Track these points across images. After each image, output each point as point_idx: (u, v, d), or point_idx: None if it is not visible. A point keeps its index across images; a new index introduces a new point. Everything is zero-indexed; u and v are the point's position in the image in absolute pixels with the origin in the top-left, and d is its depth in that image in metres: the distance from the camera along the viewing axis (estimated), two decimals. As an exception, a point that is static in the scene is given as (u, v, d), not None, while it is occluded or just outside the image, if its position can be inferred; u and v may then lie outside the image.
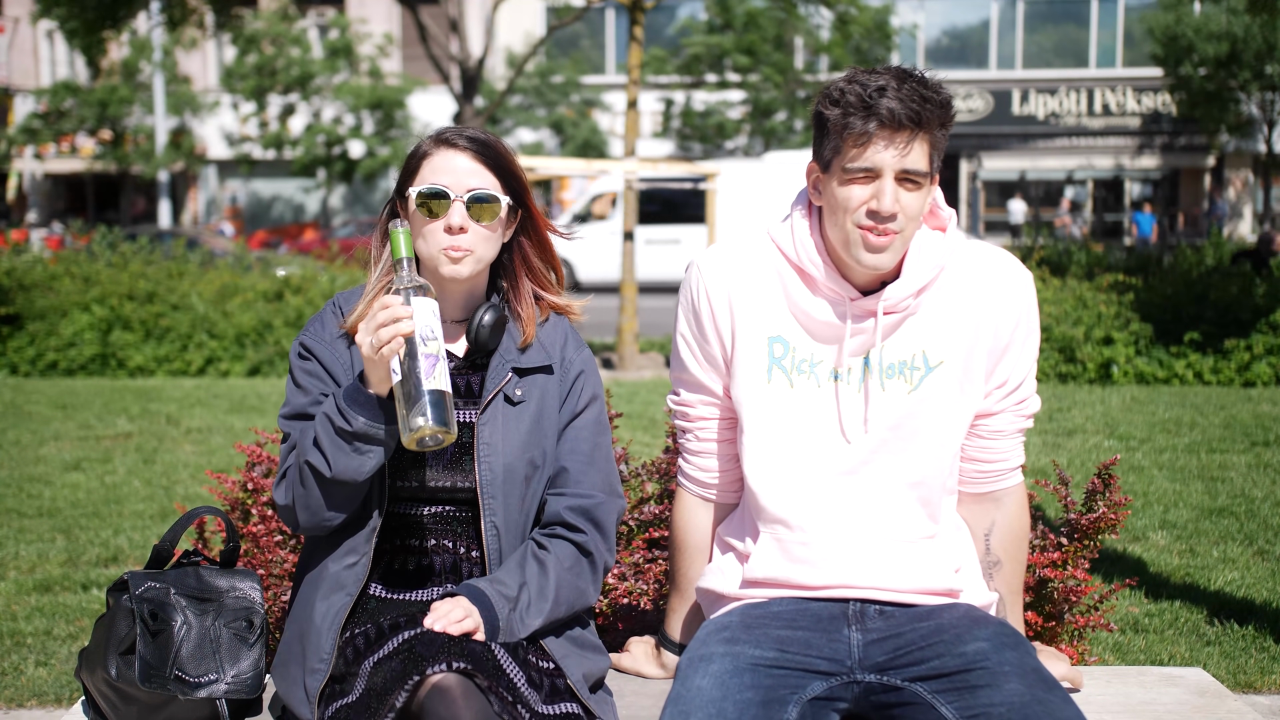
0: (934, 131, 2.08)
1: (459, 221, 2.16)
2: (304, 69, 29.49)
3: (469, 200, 2.17)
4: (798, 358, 2.21)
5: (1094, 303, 10.77)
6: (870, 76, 2.06)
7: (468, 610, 2.09)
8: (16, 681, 3.88)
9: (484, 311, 2.23)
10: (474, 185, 2.18)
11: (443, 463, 2.21)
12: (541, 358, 2.27)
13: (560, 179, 29.64)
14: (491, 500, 2.19)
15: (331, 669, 2.12)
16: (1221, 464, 6.92)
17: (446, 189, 2.17)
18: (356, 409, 2.08)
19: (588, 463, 2.26)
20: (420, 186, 2.18)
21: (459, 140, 2.20)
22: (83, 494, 6.42)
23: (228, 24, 18.47)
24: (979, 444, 2.27)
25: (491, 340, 2.24)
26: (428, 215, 2.17)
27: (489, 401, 2.22)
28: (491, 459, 2.19)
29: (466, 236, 2.17)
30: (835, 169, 2.09)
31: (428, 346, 2.01)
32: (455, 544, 2.23)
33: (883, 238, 2.08)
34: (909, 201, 2.08)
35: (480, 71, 18.01)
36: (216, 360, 11.67)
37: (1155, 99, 33.00)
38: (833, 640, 2.13)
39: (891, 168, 2.06)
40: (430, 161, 2.20)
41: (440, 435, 2.00)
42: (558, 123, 31.97)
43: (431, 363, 2.01)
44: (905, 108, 2.03)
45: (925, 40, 34.36)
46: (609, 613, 2.81)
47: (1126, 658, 4.04)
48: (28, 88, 34.87)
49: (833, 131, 2.08)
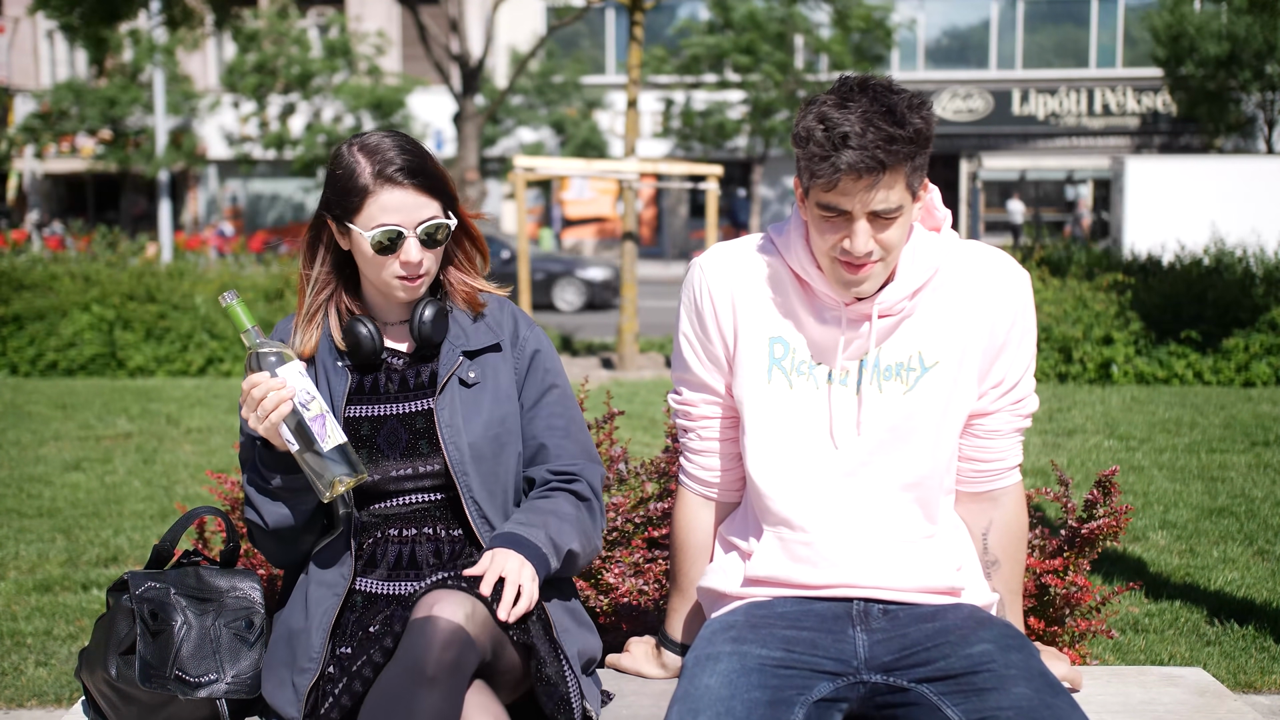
0: (905, 166, 2.02)
1: (417, 256, 2.19)
2: (304, 68, 29.49)
3: (422, 235, 2.20)
4: (797, 359, 2.21)
5: (1094, 302, 10.77)
6: (838, 116, 1.99)
7: (506, 558, 2.10)
8: (16, 681, 3.88)
9: (423, 308, 2.27)
10: (424, 217, 2.20)
11: (397, 451, 2.25)
12: (489, 337, 2.32)
13: (560, 179, 29.65)
14: (465, 476, 2.23)
15: (321, 668, 2.13)
16: (1221, 464, 6.92)
17: (400, 228, 2.18)
18: (271, 469, 2.16)
19: (564, 435, 2.33)
20: (373, 231, 2.17)
21: (400, 177, 2.18)
22: (83, 494, 6.42)
23: (227, 23, 18.46)
24: (975, 443, 2.27)
25: (436, 333, 2.28)
26: (382, 253, 2.19)
27: (443, 385, 2.26)
28: (456, 439, 2.23)
29: (425, 264, 2.22)
30: (811, 197, 2.07)
31: (310, 410, 2.08)
32: (435, 528, 2.26)
33: (859, 270, 2.09)
34: (887, 236, 2.06)
35: (480, 71, 18.01)
36: (217, 360, 11.67)
37: (1155, 99, 33.00)
38: (838, 641, 2.13)
39: (862, 210, 2.03)
40: (376, 200, 2.18)
41: (351, 484, 2.10)
42: (558, 122, 31.96)
43: (320, 423, 2.09)
44: (869, 157, 1.97)
45: (925, 40, 34.36)
46: (609, 612, 2.81)
47: (1126, 658, 4.04)
48: (28, 88, 34.87)
49: (803, 167, 2.06)
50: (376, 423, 2.26)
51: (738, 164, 32.16)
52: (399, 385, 2.29)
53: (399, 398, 2.28)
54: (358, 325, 2.26)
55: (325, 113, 31.02)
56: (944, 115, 32.60)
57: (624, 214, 12.08)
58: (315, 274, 2.30)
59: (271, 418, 2.07)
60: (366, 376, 2.29)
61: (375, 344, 2.26)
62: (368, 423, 2.26)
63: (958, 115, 33.34)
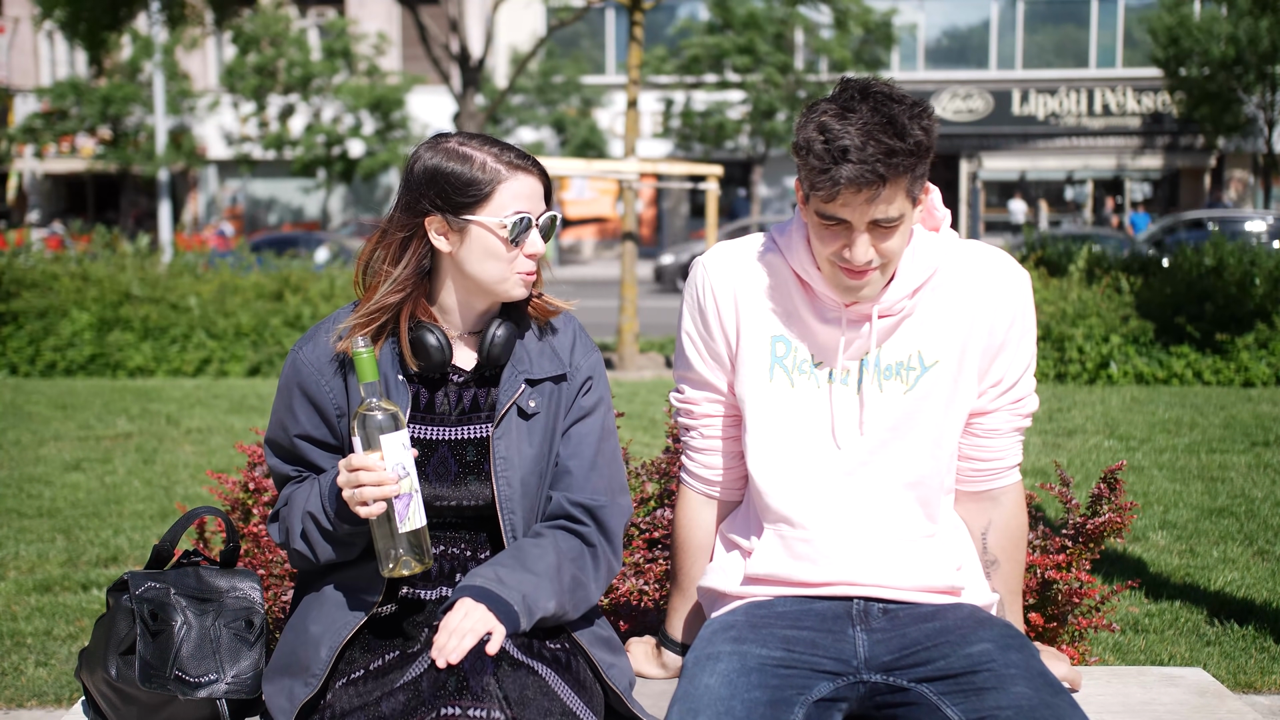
0: (907, 176, 2.01)
1: (541, 247, 2.15)
2: (304, 69, 29.49)
3: (544, 224, 2.16)
4: (798, 358, 2.21)
5: (1093, 302, 10.77)
6: (838, 128, 1.97)
7: (470, 610, 1.98)
8: (16, 681, 3.87)
9: (498, 326, 2.19)
10: (544, 209, 2.16)
11: (447, 481, 2.18)
12: (555, 366, 2.23)
13: (560, 179, 29.64)
14: (511, 514, 2.17)
15: (323, 685, 2.10)
16: (1221, 464, 6.92)
17: (529, 215, 2.13)
18: (340, 519, 2.08)
19: (590, 467, 2.23)
20: (508, 216, 2.11)
21: (527, 165, 2.15)
22: (83, 494, 6.42)
23: (227, 22, 18.47)
24: (975, 442, 2.27)
25: (503, 355, 2.20)
26: (512, 243, 2.13)
27: (503, 415, 2.18)
28: (509, 473, 2.16)
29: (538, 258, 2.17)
30: (811, 205, 2.07)
31: (400, 486, 2.01)
32: (462, 549, 2.21)
33: (859, 278, 2.08)
34: (888, 245, 2.05)
35: (480, 70, 18.01)
36: (216, 360, 11.67)
37: (1155, 99, 33.00)
38: (838, 640, 2.13)
39: (862, 220, 2.02)
40: (508, 186, 2.12)
41: (417, 570, 2.06)
42: (558, 122, 31.96)
43: (405, 504, 2.02)
44: (869, 171, 1.96)
45: (925, 40, 34.37)
46: (609, 612, 2.81)
47: (1126, 658, 4.04)
48: (28, 88, 34.88)
49: (803, 175, 2.05)
50: (430, 447, 2.18)
51: (738, 164, 32.16)
52: (456, 406, 2.21)
53: (457, 421, 2.20)
54: (427, 334, 2.16)
55: (325, 113, 31.02)
56: (944, 115, 32.59)
57: (624, 214, 12.09)
58: (399, 274, 2.15)
59: (368, 509, 1.99)
60: (424, 391, 2.21)
61: (445, 355, 2.16)
62: (422, 445, 2.18)
63: (958, 115, 33.35)
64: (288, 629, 2.22)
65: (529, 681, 2.00)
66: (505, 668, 2.00)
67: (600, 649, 2.20)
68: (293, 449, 2.22)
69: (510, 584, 2.04)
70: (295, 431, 2.21)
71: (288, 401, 2.22)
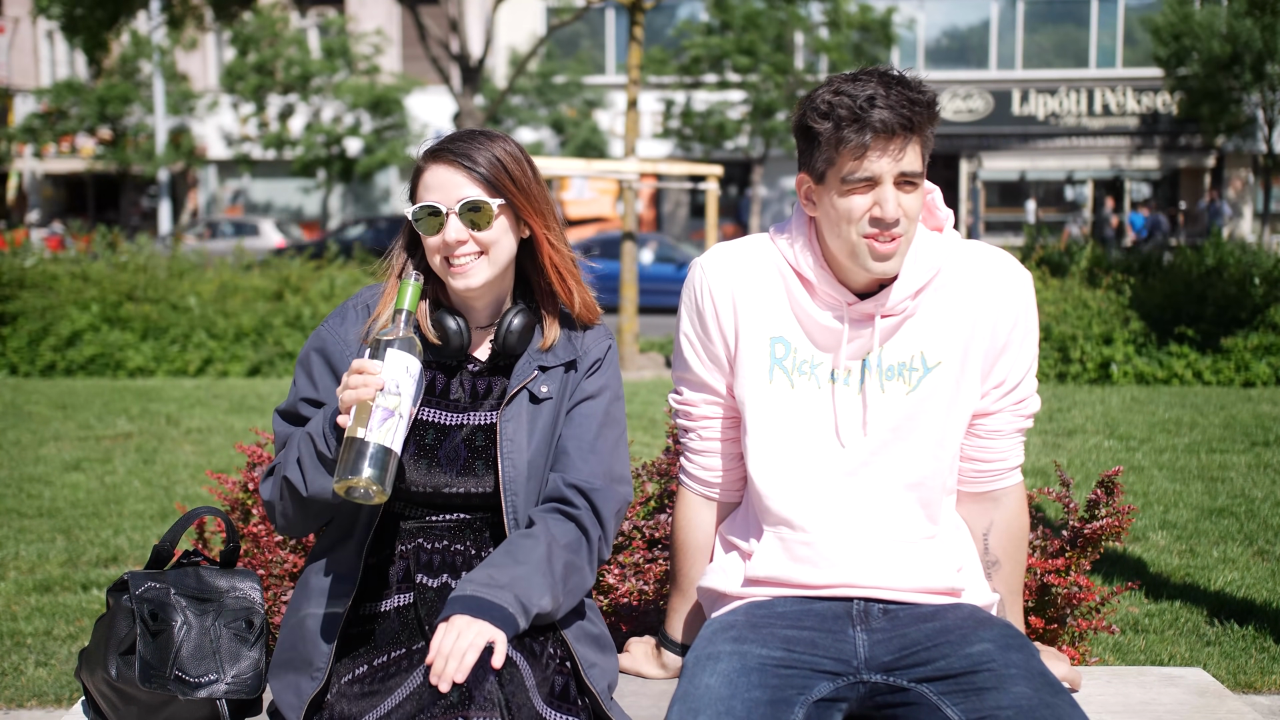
0: (925, 132, 2.08)
1: (455, 235, 2.14)
2: (304, 68, 29.49)
3: (460, 210, 2.14)
4: (799, 359, 2.21)
5: (1093, 302, 10.77)
6: (855, 85, 2.05)
7: (464, 630, 1.93)
8: (16, 681, 3.87)
9: (513, 315, 2.22)
10: (464, 195, 2.15)
11: (456, 468, 2.20)
12: (568, 353, 2.26)
13: (560, 179, 29.63)
14: (514, 498, 2.18)
15: (327, 679, 2.11)
16: (1221, 464, 6.92)
17: (438, 205, 2.15)
18: (335, 435, 2.06)
19: (589, 449, 2.23)
20: (414, 206, 2.16)
21: (444, 153, 2.17)
22: (83, 494, 6.42)
23: (227, 21, 18.48)
24: (977, 443, 2.27)
25: (520, 344, 2.22)
26: (426, 232, 2.16)
27: (512, 396, 2.20)
28: (515, 455, 2.18)
29: (468, 247, 2.16)
30: (831, 180, 2.08)
31: (385, 401, 1.98)
32: (466, 545, 2.22)
33: (889, 244, 2.08)
34: (909, 203, 2.08)
35: (480, 70, 18.01)
36: (216, 360, 11.66)
37: (1155, 99, 33.00)
38: (838, 640, 2.13)
39: (890, 174, 2.05)
40: (424, 178, 2.18)
41: (371, 490, 1.95)
42: (558, 122, 31.95)
43: (383, 415, 1.97)
44: (897, 115, 2.02)
45: (925, 40, 34.37)
46: (609, 612, 2.81)
47: (1126, 658, 4.04)
48: (28, 88, 34.87)
49: (825, 144, 2.06)
50: (442, 432, 2.21)
51: (738, 164, 32.15)
52: (470, 394, 2.24)
53: (469, 407, 2.23)
54: (447, 318, 2.20)
55: (324, 113, 31.02)
56: (944, 115, 32.33)
57: (624, 214, 12.09)
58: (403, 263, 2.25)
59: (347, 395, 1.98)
60: (440, 377, 2.24)
61: (464, 340, 2.21)
62: (434, 430, 2.21)
63: (958, 115, 33.34)
64: (284, 623, 2.23)
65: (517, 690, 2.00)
66: (504, 672, 2.00)
67: (587, 646, 2.20)
68: (298, 414, 2.22)
69: (503, 583, 2.02)
70: (305, 394, 2.22)
71: (306, 369, 2.24)
